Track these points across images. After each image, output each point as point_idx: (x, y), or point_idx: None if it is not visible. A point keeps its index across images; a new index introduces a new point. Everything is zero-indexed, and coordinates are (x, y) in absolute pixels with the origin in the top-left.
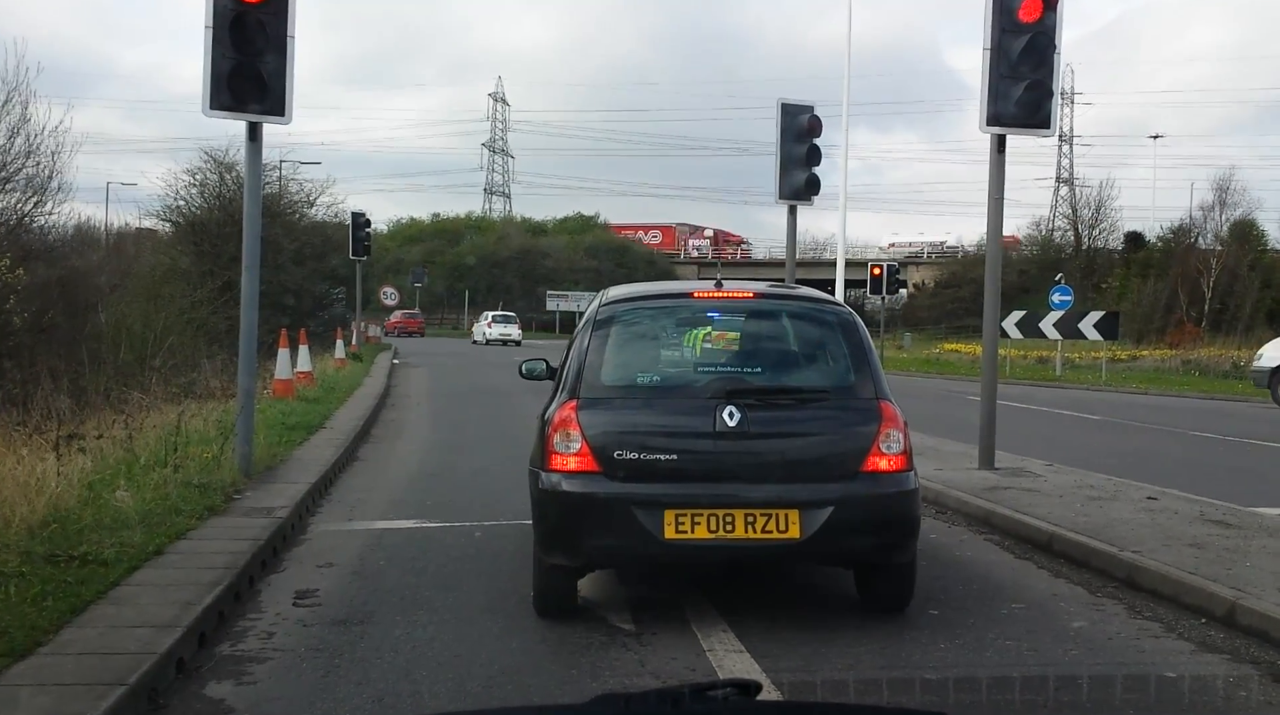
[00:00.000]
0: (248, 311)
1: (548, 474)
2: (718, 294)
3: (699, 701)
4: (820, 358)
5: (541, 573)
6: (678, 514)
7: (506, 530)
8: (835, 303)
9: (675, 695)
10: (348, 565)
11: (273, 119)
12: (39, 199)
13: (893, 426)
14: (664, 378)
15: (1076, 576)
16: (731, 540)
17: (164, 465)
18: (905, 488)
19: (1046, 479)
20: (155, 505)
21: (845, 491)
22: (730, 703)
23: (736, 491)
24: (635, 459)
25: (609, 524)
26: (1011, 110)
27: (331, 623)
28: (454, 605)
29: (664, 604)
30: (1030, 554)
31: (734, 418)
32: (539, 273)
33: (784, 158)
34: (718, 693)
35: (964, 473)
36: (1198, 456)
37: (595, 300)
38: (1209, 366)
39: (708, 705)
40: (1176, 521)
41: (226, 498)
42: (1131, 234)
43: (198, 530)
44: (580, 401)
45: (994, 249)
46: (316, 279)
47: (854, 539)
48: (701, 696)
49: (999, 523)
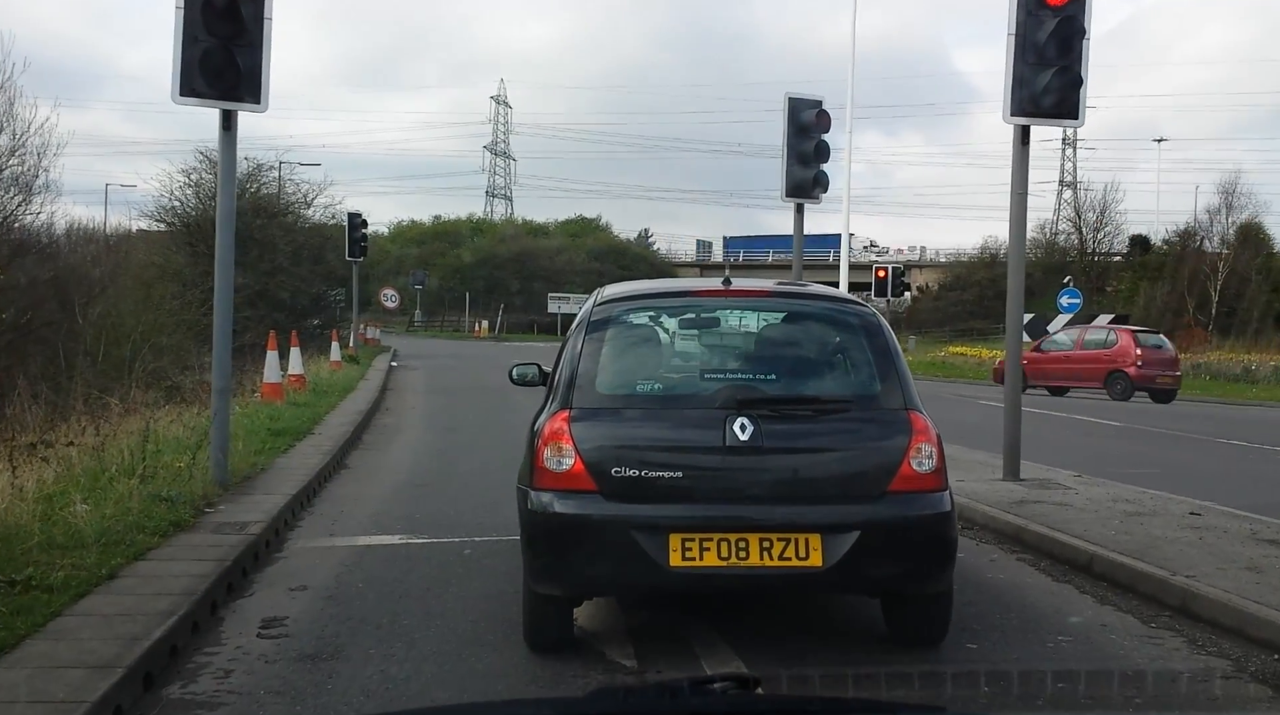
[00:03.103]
0: (222, 311)
1: (537, 493)
2: (726, 292)
3: (698, 695)
4: (842, 363)
5: (532, 602)
6: (684, 538)
7: (499, 547)
8: (857, 302)
9: (674, 688)
10: (322, 588)
11: (248, 107)
12: (25, 198)
13: (924, 440)
14: (667, 386)
15: (1124, 603)
16: (745, 568)
17: (131, 475)
18: (940, 509)
19: (1077, 491)
20: (116, 521)
21: (872, 513)
22: (729, 696)
23: (750, 513)
24: (636, 477)
25: (607, 550)
26: (1037, 100)
27: (297, 658)
28: (436, 636)
29: (668, 635)
30: (1069, 576)
31: (746, 430)
32: (540, 274)
33: (791, 153)
34: (717, 686)
35: (988, 484)
36: (1229, 466)
37: (590, 299)
38: (1219, 370)
39: (706, 699)
40: (1227, 541)
41: (197, 512)
42: (1137, 237)
43: (160, 549)
44: (573, 412)
45: (1017, 246)
46: (314, 280)
47: (883, 567)
48: (700, 690)
49: (1031, 540)
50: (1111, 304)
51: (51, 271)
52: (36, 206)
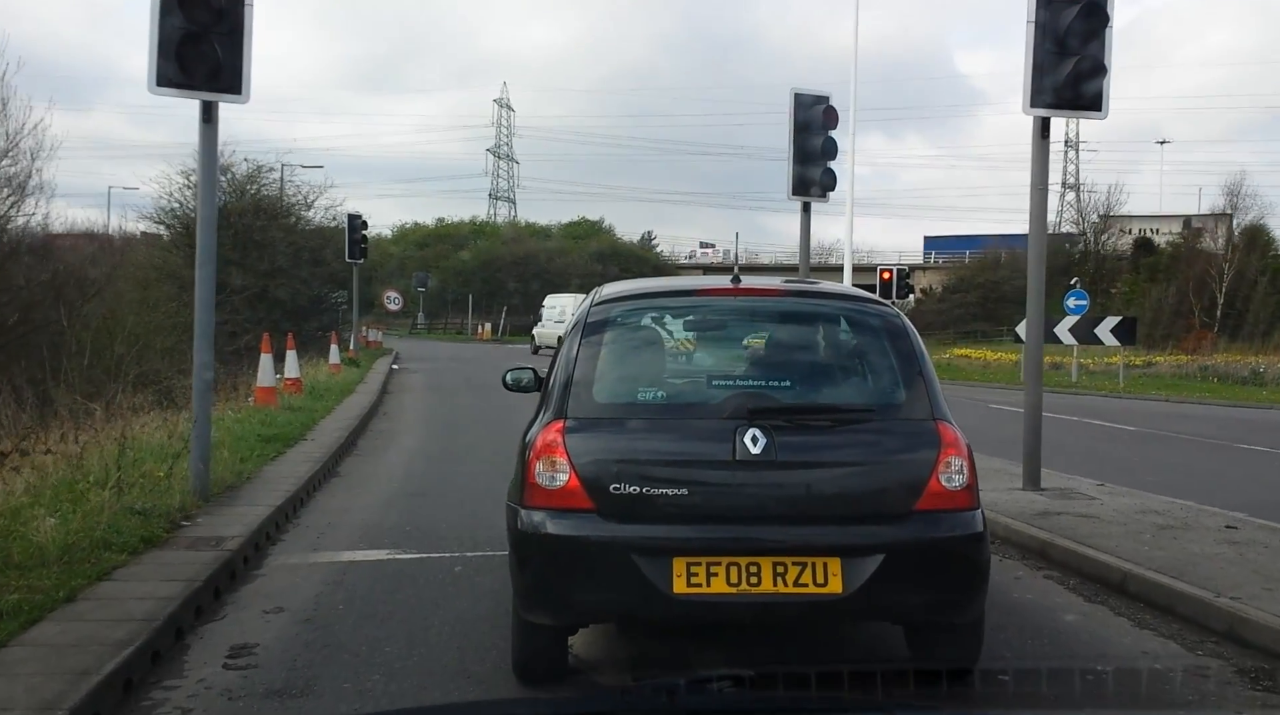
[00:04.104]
0: (203, 312)
1: (528, 511)
2: (734, 290)
3: (694, 693)
4: (863, 368)
5: (522, 632)
6: (689, 562)
7: (492, 564)
8: (879, 301)
9: (670, 687)
10: (299, 610)
11: (229, 98)
12: (18, 198)
13: (954, 453)
14: (671, 394)
15: (1164, 627)
16: (757, 595)
17: (106, 486)
18: (972, 529)
19: (1102, 502)
20: (83, 536)
21: (898, 534)
22: (725, 694)
23: (762, 535)
24: (636, 494)
25: (604, 574)
26: (1059, 90)
27: (265, 694)
28: (417, 668)
29: (672, 665)
30: (1101, 596)
31: (758, 443)
32: (541, 276)
33: (797, 151)
34: (713, 685)
35: (1008, 494)
36: (1255, 473)
37: (587, 299)
38: (1227, 372)
39: (703, 697)
40: (1269, 558)
41: (172, 526)
42: (1140, 239)
43: (127, 568)
44: (568, 422)
45: (1038, 243)
46: (315, 282)
47: (909, 594)
48: (697, 689)
49: (1058, 556)
50: (1116, 306)
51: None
52: (30, 207)
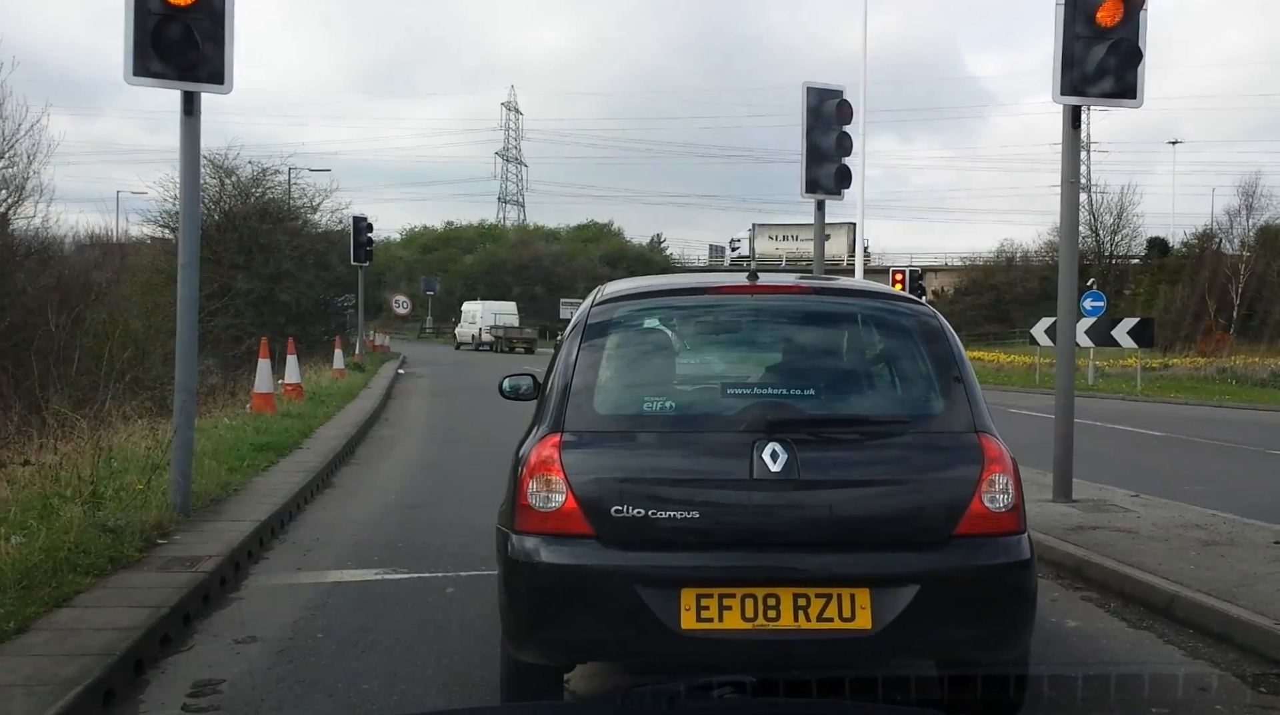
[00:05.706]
0: (186, 318)
1: (520, 537)
2: (751, 288)
3: (695, 699)
4: (894, 375)
5: (512, 670)
6: (700, 594)
7: (488, 585)
8: (912, 299)
9: (671, 693)
10: (274, 639)
11: (210, 88)
12: (15, 200)
13: (999, 469)
14: (680, 404)
15: (1219, 657)
16: (776, 631)
17: (79, 501)
18: (1018, 556)
19: (1139, 515)
20: (47, 557)
21: (935, 563)
22: (726, 700)
23: (782, 562)
24: (641, 517)
25: (604, 608)
26: (1091, 76)
27: None
28: (397, 705)
29: None
30: (1147, 621)
31: (778, 459)
32: (549, 280)
33: (810, 147)
34: (714, 691)
35: (1037, 506)
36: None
37: (587, 299)
38: (1245, 375)
39: (704, 703)
40: None
41: (147, 544)
42: (1154, 240)
43: (90, 592)
44: (565, 437)
45: (1069, 239)
46: (320, 287)
47: (947, 630)
48: (697, 694)
49: (1096, 576)
50: (1130, 307)
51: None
52: (29, 209)
